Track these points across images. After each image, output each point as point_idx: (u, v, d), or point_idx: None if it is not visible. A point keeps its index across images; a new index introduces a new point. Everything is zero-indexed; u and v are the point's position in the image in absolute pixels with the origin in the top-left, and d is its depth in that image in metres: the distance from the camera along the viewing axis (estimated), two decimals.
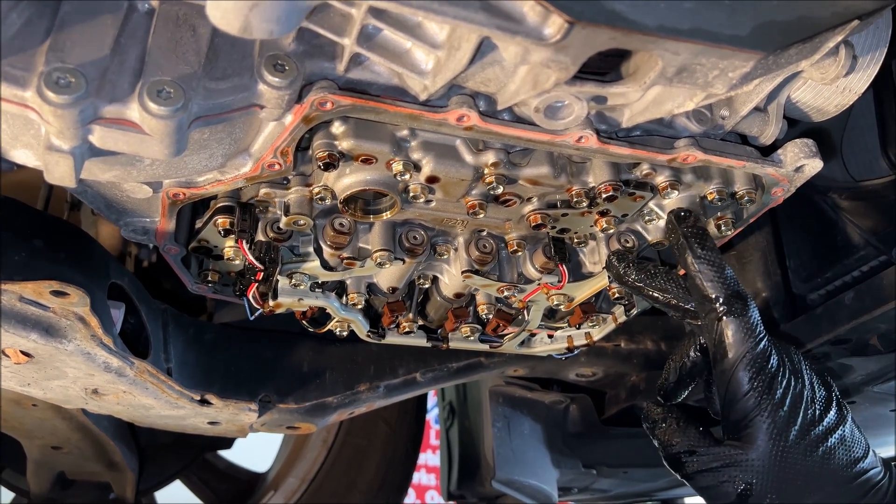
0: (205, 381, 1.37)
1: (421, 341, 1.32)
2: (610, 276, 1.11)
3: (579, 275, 1.24)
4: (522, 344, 1.40)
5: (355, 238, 1.11)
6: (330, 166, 0.93)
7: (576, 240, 1.17)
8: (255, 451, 2.41)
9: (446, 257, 1.18)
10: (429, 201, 1.06)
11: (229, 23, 0.65)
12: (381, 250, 1.08)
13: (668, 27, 0.73)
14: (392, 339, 1.30)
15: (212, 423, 1.42)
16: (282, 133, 0.88)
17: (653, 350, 1.74)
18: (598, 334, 1.38)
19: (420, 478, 5.12)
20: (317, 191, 1.01)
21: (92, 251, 1.15)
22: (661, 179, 1.05)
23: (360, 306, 1.20)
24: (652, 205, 1.13)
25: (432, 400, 3.32)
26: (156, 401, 1.24)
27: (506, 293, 1.21)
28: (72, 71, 0.71)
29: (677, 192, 1.06)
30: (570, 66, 0.76)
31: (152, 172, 0.89)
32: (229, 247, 1.11)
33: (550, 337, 1.41)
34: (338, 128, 0.93)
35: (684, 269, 1.01)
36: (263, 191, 1.03)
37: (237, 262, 1.15)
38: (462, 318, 1.26)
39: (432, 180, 1.00)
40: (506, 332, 1.32)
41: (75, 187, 0.88)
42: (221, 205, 1.05)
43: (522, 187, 1.04)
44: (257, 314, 1.17)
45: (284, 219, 1.02)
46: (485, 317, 1.27)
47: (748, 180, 1.07)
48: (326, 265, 1.12)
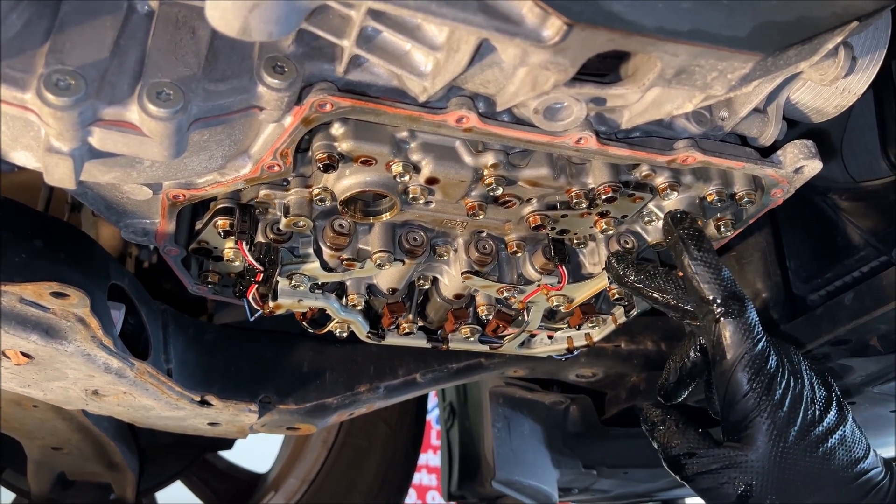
0: (205, 381, 1.37)
1: (421, 342, 1.32)
2: (609, 277, 1.11)
3: (579, 276, 1.24)
4: (522, 345, 1.40)
5: (355, 239, 1.11)
6: (329, 168, 0.93)
7: (575, 241, 1.17)
8: (256, 451, 2.40)
9: (446, 258, 1.18)
10: (428, 202, 1.06)
11: (228, 24, 0.65)
12: (380, 251, 1.09)
13: (667, 29, 0.73)
14: (392, 339, 1.30)
15: (212, 424, 1.42)
16: (281, 135, 0.88)
17: (653, 350, 1.73)
18: (598, 335, 1.38)
19: (421, 478, 5.12)
20: (316, 192, 1.01)
21: (92, 252, 1.16)
22: (660, 180, 1.05)
23: (359, 307, 1.20)
24: (651, 206, 1.13)
25: (433, 400, 3.32)
26: (156, 402, 1.24)
27: (505, 294, 1.21)
28: (71, 73, 0.71)
29: (677, 194, 1.06)
30: (568, 68, 0.76)
31: (152, 174, 0.89)
32: (229, 248, 1.11)
33: (550, 338, 1.41)
34: (337, 129, 0.93)
35: (681, 271, 1.01)
36: (263, 192, 1.04)
37: (237, 264, 1.15)
38: (462, 319, 1.26)
39: (432, 181, 1.00)
40: (506, 332, 1.32)
41: (75, 189, 0.88)
42: (221, 206, 1.05)
43: (522, 188, 1.04)
44: (257, 315, 1.17)
45: (284, 220, 1.03)
46: (485, 318, 1.27)
47: (748, 181, 1.07)
48: (326, 266, 1.12)
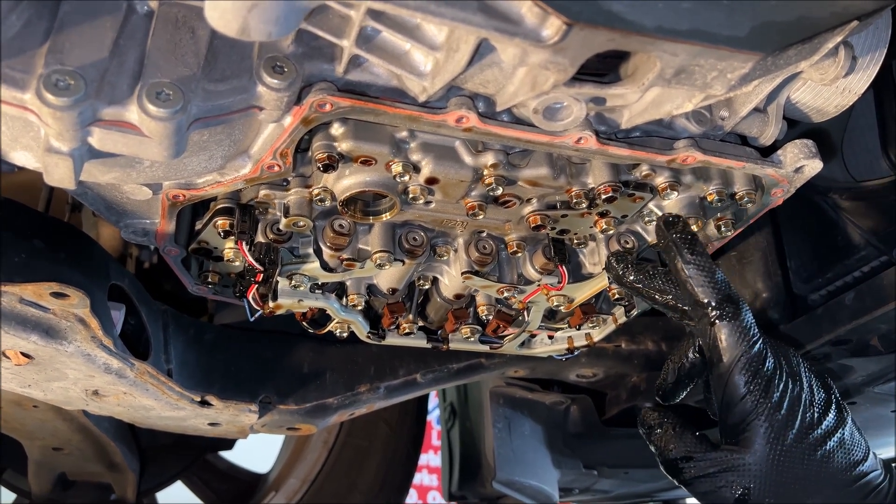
0: (205, 381, 1.37)
1: (421, 342, 1.32)
2: (609, 277, 1.11)
3: (579, 276, 1.23)
4: (523, 345, 1.40)
5: (355, 239, 1.11)
6: (329, 168, 0.93)
7: (575, 241, 1.17)
8: (256, 451, 2.40)
9: (446, 258, 1.18)
10: (428, 202, 1.06)
11: (227, 24, 0.65)
12: (380, 251, 1.09)
13: (667, 28, 0.73)
14: (392, 340, 1.30)
15: (212, 425, 1.42)
16: (281, 135, 0.88)
17: (653, 351, 1.73)
18: (598, 335, 1.38)
19: (422, 478, 5.12)
20: (316, 192, 1.01)
21: (92, 252, 1.16)
22: (660, 180, 1.05)
23: (360, 307, 1.20)
24: (651, 206, 1.13)
25: (434, 401, 3.32)
26: (156, 402, 1.24)
27: (506, 294, 1.21)
28: (71, 73, 0.71)
29: (677, 193, 1.06)
30: (568, 68, 0.76)
31: (152, 174, 0.89)
32: (229, 248, 1.11)
33: (551, 338, 1.41)
34: (337, 129, 0.93)
35: (675, 275, 1.01)
36: (263, 192, 1.04)
37: (237, 264, 1.15)
38: (462, 319, 1.26)
39: (432, 181, 1.00)
40: (506, 333, 1.32)
41: (75, 189, 0.88)
42: (221, 206, 1.05)
43: (522, 188, 1.04)
44: (257, 315, 1.17)
45: (284, 220, 1.02)
46: (485, 318, 1.27)
47: (748, 181, 1.07)
48: (326, 266, 1.12)
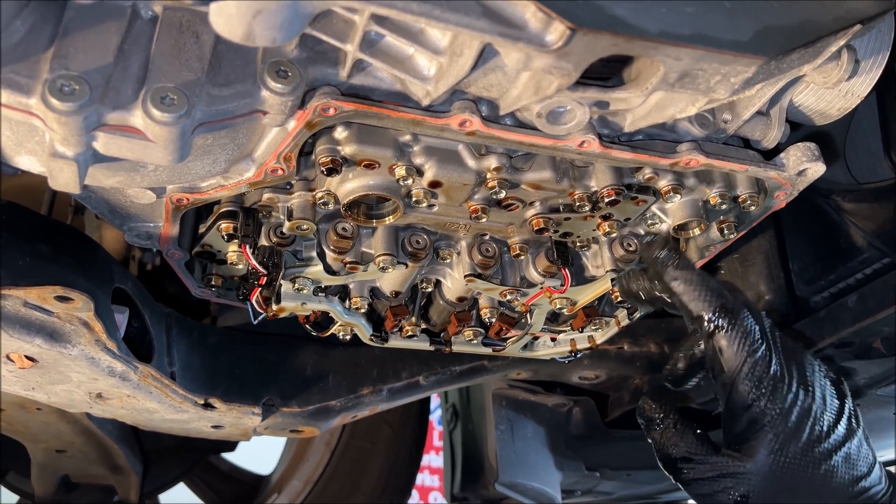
0: (208, 384, 1.37)
1: (424, 345, 1.32)
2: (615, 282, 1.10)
3: (582, 278, 1.23)
4: (525, 347, 1.40)
5: (358, 242, 1.11)
6: (333, 171, 0.93)
7: (578, 243, 1.17)
8: (259, 453, 2.41)
9: (449, 261, 1.18)
10: (431, 206, 1.06)
11: (232, 30, 0.65)
12: (383, 255, 1.09)
13: (670, 33, 0.73)
14: (395, 342, 1.30)
15: (215, 427, 1.42)
16: (285, 138, 0.88)
17: (656, 353, 1.73)
18: (601, 337, 1.38)
19: (424, 479, 5.12)
20: (320, 195, 1.01)
21: (95, 256, 1.16)
22: (663, 183, 1.05)
23: (363, 310, 1.20)
24: (655, 209, 1.13)
25: (436, 401, 3.32)
26: (159, 405, 1.24)
27: (508, 297, 1.21)
28: (76, 78, 0.72)
29: (680, 196, 1.06)
30: (572, 73, 0.76)
31: (156, 178, 0.90)
32: (233, 251, 1.11)
33: (553, 340, 1.41)
34: (341, 133, 0.93)
35: (667, 295, 1.00)
36: (267, 196, 1.04)
37: (240, 267, 1.15)
38: (465, 321, 1.26)
39: (435, 185, 1.00)
40: (509, 335, 1.32)
41: (79, 193, 0.88)
42: (225, 210, 1.05)
43: (525, 192, 1.04)
44: (261, 318, 1.17)
45: (287, 223, 1.03)
46: (488, 320, 1.27)
47: (751, 184, 1.07)
48: (329, 269, 1.12)
